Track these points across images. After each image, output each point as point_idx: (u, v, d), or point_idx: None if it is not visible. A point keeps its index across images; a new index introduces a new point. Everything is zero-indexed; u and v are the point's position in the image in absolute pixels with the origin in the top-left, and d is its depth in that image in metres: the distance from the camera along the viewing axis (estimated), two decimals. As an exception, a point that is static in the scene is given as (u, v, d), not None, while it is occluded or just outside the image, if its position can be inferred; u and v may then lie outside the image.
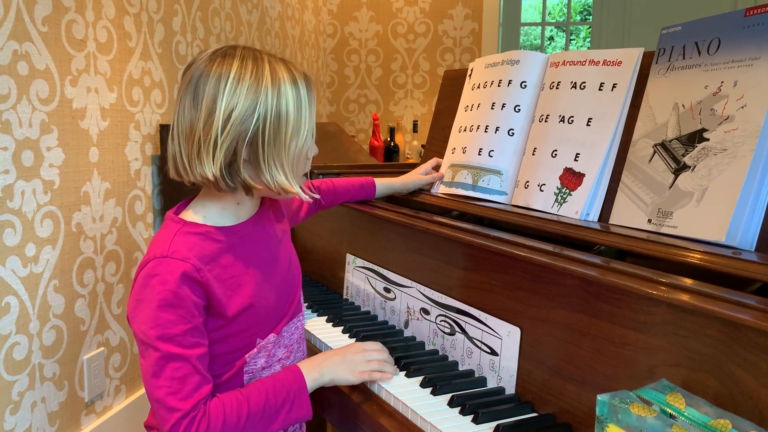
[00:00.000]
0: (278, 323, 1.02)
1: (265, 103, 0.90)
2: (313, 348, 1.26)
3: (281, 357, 1.03)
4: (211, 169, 0.90)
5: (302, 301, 1.10)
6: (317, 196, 1.09)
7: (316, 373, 1.00)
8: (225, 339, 0.95)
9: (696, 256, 0.84)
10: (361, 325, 1.31)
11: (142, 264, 0.91)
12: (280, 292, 1.02)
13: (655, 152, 1.03)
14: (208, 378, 0.90)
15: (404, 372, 1.08)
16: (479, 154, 1.34)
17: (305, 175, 1.04)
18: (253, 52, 0.94)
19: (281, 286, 1.03)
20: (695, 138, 0.97)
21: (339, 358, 1.03)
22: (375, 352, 1.06)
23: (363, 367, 1.03)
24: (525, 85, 1.31)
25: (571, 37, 7.47)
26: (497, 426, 0.89)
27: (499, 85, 1.35)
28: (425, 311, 1.21)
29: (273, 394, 0.94)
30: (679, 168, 0.98)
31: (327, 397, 1.14)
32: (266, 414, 0.93)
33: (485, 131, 1.34)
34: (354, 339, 1.24)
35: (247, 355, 0.98)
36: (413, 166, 1.59)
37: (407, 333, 1.27)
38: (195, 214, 0.97)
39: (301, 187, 0.97)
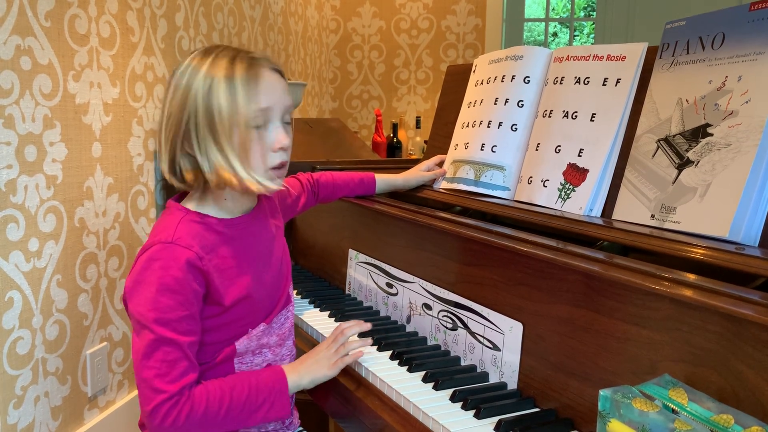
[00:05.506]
0: (269, 314, 1.05)
1: (195, 103, 0.94)
2: (315, 343, 1.26)
3: (272, 344, 1.05)
4: (164, 165, 0.97)
5: (292, 292, 1.13)
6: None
7: (295, 375, 1.02)
8: (219, 328, 0.98)
9: (699, 251, 0.84)
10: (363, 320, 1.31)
11: (145, 247, 0.94)
12: (273, 285, 1.05)
13: (658, 147, 1.03)
14: (195, 365, 0.93)
15: (406, 367, 1.08)
16: (482, 150, 1.33)
17: (313, 169, 1.05)
18: (205, 52, 0.97)
19: (274, 280, 1.06)
20: (699, 133, 0.97)
21: (312, 359, 1.06)
22: (340, 337, 1.09)
23: (334, 358, 1.06)
24: (528, 81, 1.30)
25: (575, 33, 7.46)
26: (499, 421, 0.89)
27: (502, 81, 1.35)
28: (427, 306, 1.21)
29: (255, 390, 0.96)
30: (683, 163, 0.98)
31: (330, 392, 1.14)
32: (246, 408, 0.95)
33: (488, 126, 1.34)
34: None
35: (236, 342, 1.00)
36: (416, 161, 1.58)
37: (409, 328, 1.27)
38: (196, 204, 1.00)
39: (261, 180, 0.96)
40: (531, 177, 1.23)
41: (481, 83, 1.41)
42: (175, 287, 0.90)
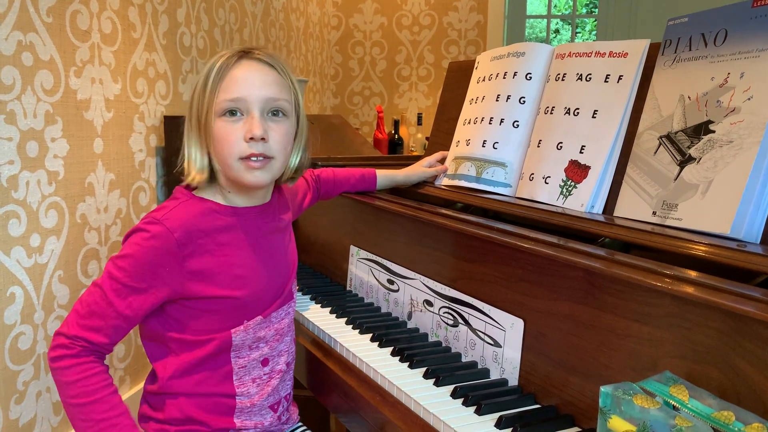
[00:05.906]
0: (267, 308, 1.05)
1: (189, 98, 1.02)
2: (317, 339, 1.27)
3: (269, 338, 1.05)
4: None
5: (294, 289, 1.13)
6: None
7: None
8: (212, 314, 0.99)
9: (701, 248, 0.84)
10: (365, 316, 1.31)
11: (144, 218, 0.98)
12: (273, 281, 1.06)
13: (660, 144, 1.02)
14: (109, 336, 0.94)
15: (407, 363, 1.08)
16: (483, 146, 1.33)
17: (314, 165, 1.04)
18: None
19: (274, 275, 1.06)
20: (701, 130, 0.97)
21: None
22: None
23: None
24: (530, 77, 1.30)
25: (577, 30, 7.44)
26: (500, 417, 0.89)
27: (504, 77, 1.35)
28: (429, 303, 1.21)
29: (104, 426, 0.93)
30: (685, 160, 0.98)
31: (331, 388, 1.14)
32: (87, 426, 0.93)
33: (489, 123, 1.34)
34: (357, 330, 1.24)
35: (233, 333, 1.00)
36: (418, 158, 1.58)
37: (410, 325, 1.27)
38: (203, 191, 1.02)
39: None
40: (532, 174, 1.23)
41: (483, 80, 1.41)
42: (139, 258, 0.94)
